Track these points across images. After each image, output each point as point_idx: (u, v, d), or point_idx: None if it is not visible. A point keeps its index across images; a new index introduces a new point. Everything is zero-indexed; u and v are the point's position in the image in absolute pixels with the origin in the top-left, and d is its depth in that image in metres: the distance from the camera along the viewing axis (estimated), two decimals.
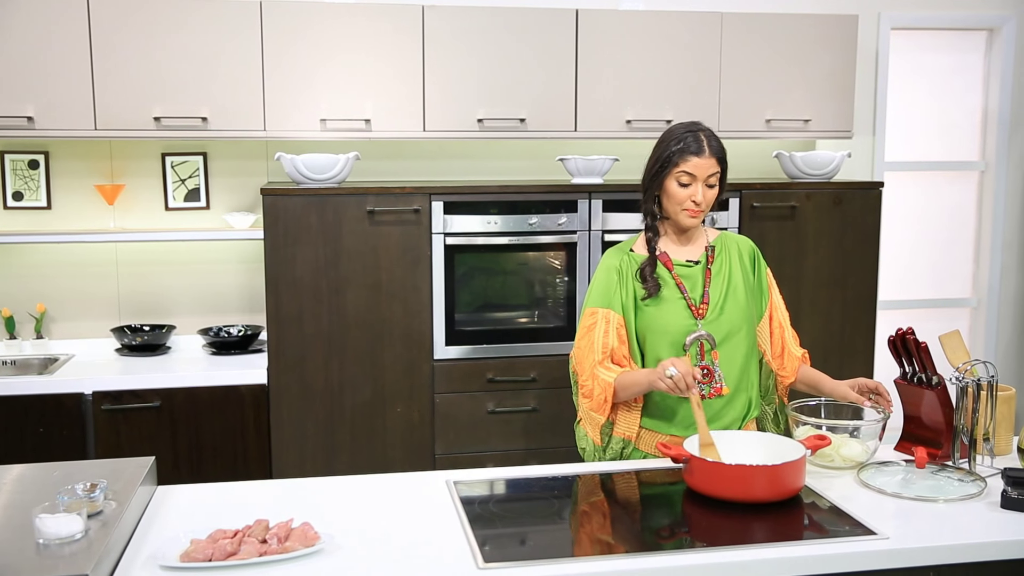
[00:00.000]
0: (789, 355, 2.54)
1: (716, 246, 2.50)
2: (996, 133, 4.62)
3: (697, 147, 2.35)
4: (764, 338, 2.54)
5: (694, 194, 2.37)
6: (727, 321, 2.43)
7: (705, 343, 2.40)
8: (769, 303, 2.54)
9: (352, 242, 3.53)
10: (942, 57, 4.62)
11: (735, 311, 2.44)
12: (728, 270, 2.48)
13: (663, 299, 2.43)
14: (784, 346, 2.54)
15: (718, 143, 2.40)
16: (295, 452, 3.56)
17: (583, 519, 2.12)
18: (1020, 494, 2.01)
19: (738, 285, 2.47)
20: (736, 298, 2.46)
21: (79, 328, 3.92)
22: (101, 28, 3.47)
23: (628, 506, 2.19)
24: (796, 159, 3.92)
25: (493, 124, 3.78)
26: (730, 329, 2.43)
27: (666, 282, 2.44)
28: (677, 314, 2.42)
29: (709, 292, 2.44)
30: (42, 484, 2.04)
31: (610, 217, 3.71)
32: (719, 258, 2.49)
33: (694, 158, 2.35)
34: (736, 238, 2.55)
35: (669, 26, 3.86)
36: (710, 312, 2.43)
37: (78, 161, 3.86)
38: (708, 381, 2.40)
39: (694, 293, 2.44)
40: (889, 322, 4.32)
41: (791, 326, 2.58)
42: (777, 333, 2.54)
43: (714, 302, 2.44)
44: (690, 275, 2.46)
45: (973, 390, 2.26)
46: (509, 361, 3.69)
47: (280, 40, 3.59)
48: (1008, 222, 4.69)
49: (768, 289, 2.55)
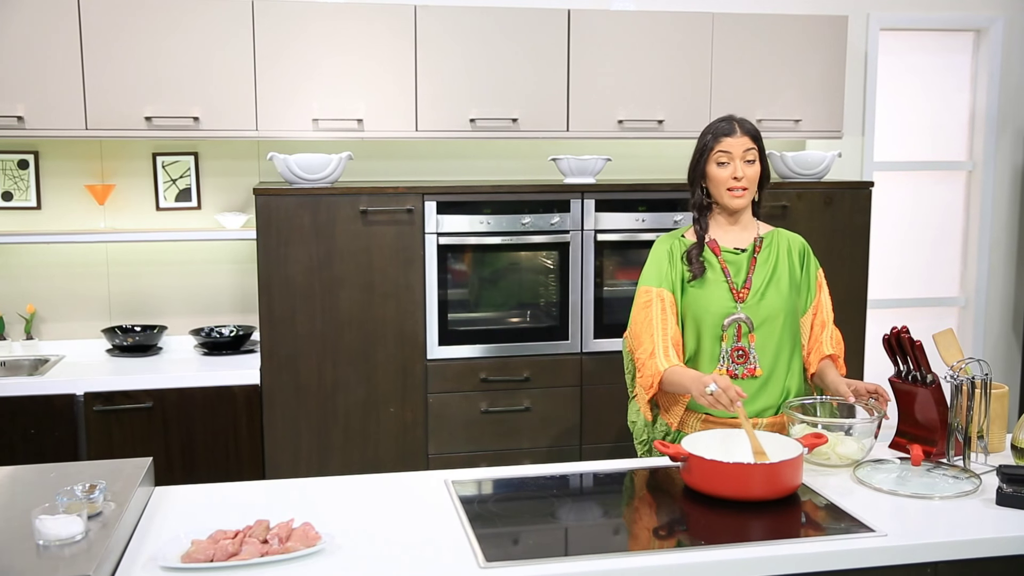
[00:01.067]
0: (818, 351, 2.61)
1: (766, 238, 2.60)
2: (984, 133, 4.65)
3: (729, 128, 2.52)
4: (805, 332, 2.62)
5: (734, 171, 2.50)
6: (767, 307, 2.51)
7: (743, 325, 2.49)
8: (816, 301, 2.62)
9: (345, 242, 3.52)
10: (930, 58, 4.65)
11: (776, 299, 2.52)
12: (775, 261, 2.57)
13: (707, 281, 2.53)
14: (818, 343, 2.61)
15: (751, 124, 2.55)
16: (288, 452, 3.55)
17: (582, 517, 2.13)
18: (1015, 491, 2.03)
19: (783, 276, 2.56)
20: (779, 287, 2.54)
21: (70, 329, 3.90)
22: (92, 27, 3.45)
23: (627, 504, 2.20)
24: (787, 159, 3.94)
25: (485, 124, 3.78)
26: (768, 315, 2.51)
27: (712, 266, 2.55)
28: (719, 296, 2.52)
29: (752, 278, 2.53)
30: (39, 485, 2.03)
31: (602, 217, 3.72)
32: (767, 249, 2.58)
33: (727, 138, 2.51)
34: (788, 235, 2.66)
35: (660, 26, 3.87)
36: (751, 297, 2.51)
37: (68, 161, 3.84)
38: (743, 362, 2.50)
39: (737, 278, 2.54)
40: (878, 321, 4.36)
41: (834, 326, 2.64)
42: (817, 330, 2.62)
43: (756, 288, 2.52)
44: (736, 261, 2.56)
45: (968, 388, 2.28)
46: (502, 361, 3.70)
47: (272, 40, 3.58)
48: (995, 222, 4.73)
49: (816, 287, 2.63)
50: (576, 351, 3.74)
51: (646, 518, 2.12)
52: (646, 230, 3.74)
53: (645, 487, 2.28)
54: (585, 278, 3.73)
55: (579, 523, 2.10)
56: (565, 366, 3.73)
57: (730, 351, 2.50)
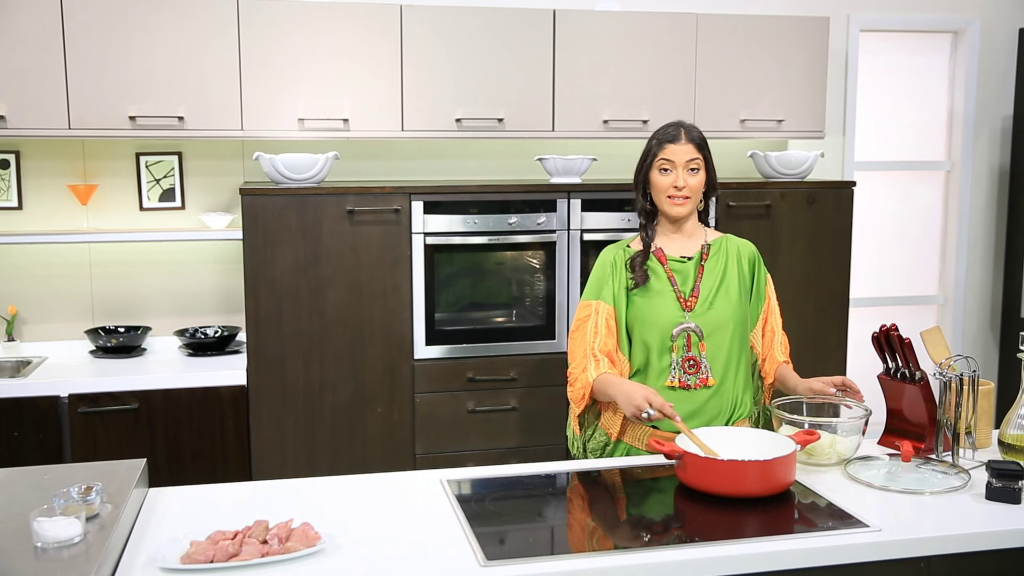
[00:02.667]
0: (772, 359, 2.60)
1: (714, 245, 2.56)
2: (961, 133, 4.71)
3: (675, 135, 2.48)
4: (758, 341, 2.60)
5: (675, 180, 2.46)
6: (715, 315, 2.48)
7: (693, 335, 2.45)
8: (765, 307, 2.60)
9: (332, 242, 3.52)
10: (909, 59, 4.70)
11: (726, 307, 2.49)
12: (723, 268, 2.53)
13: (653, 291, 2.49)
14: (771, 351, 2.60)
15: (697, 132, 2.51)
16: (275, 453, 3.54)
17: (578, 515, 2.14)
18: (1005, 485, 2.06)
19: (732, 283, 2.52)
20: (728, 295, 2.50)
21: (52, 330, 3.86)
22: (76, 25, 3.42)
23: (621, 502, 2.21)
24: (771, 159, 3.97)
25: (471, 124, 3.78)
26: (718, 323, 2.48)
27: (658, 275, 2.50)
28: (666, 306, 2.48)
29: (700, 286, 2.49)
30: (33, 488, 2.02)
31: (589, 216, 3.74)
32: (714, 256, 2.54)
33: (671, 145, 2.47)
34: (739, 242, 2.61)
35: (645, 27, 3.89)
36: (699, 305, 2.48)
37: (50, 161, 3.81)
38: (694, 372, 2.46)
39: (685, 287, 2.50)
40: (859, 319, 4.40)
41: (783, 332, 2.64)
42: (768, 337, 2.61)
43: (704, 296, 2.49)
44: (682, 270, 2.52)
45: (956, 385, 2.31)
46: (489, 360, 3.70)
47: (258, 39, 3.57)
48: (973, 221, 4.79)
49: (766, 294, 2.60)
50: (563, 351, 3.75)
51: (642, 515, 2.13)
52: (632, 230, 3.74)
53: (640, 485, 2.29)
54: (572, 278, 3.74)
55: (575, 521, 2.11)
56: (552, 365, 3.74)
57: (681, 361, 2.46)
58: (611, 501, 2.22)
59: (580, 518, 2.13)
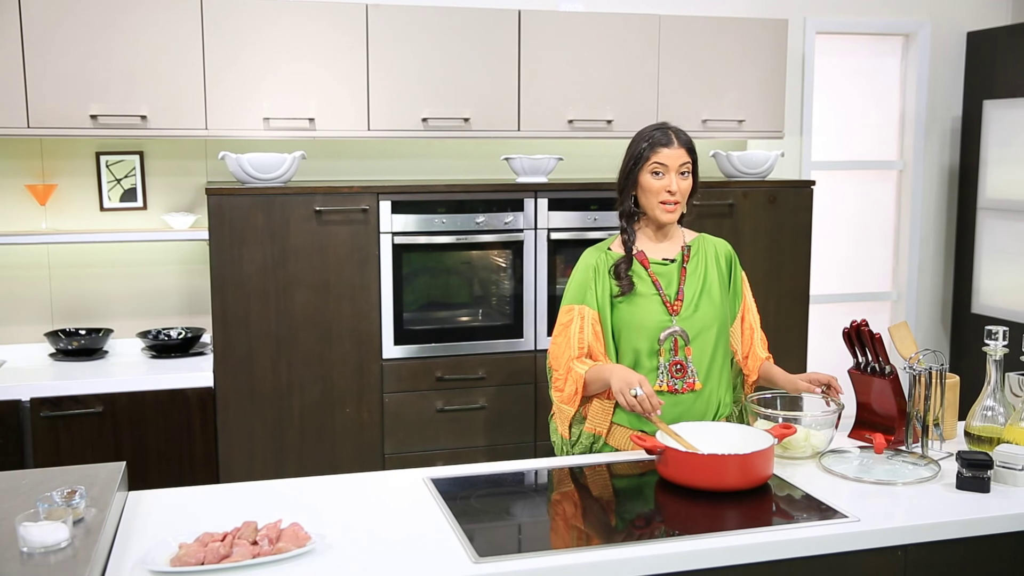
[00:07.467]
0: (754, 356, 2.64)
1: (693, 246, 2.58)
2: (912, 134, 4.83)
3: (666, 139, 2.47)
4: (736, 339, 2.64)
5: (668, 184, 2.46)
6: (700, 318, 2.50)
7: (679, 339, 2.47)
8: (742, 305, 2.64)
9: (299, 242, 3.50)
10: (863, 61, 4.81)
11: (709, 309, 2.52)
12: (704, 269, 2.56)
13: (638, 296, 2.50)
14: (752, 348, 2.64)
15: (686, 136, 2.51)
16: (243, 455, 3.50)
17: (563, 512, 2.16)
18: (975, 475, 2.13)
19: (713, 284, 2.55)
20: (711, 297, 2.53)
21: (10, 333, 3.78)
22: (34, 21, 3.36)
23: (603, 498, 2.24)
24: (733, 158, 4.04)
25: (437, 124, 3.79)
26: (703, 326, 2.50)
27: (641, 279, 2.51)
28: (652, 310, 2.49)
29: (684, 289, 2.51)
30: (13, 493, 1.98)
31: (555, 215, 3.76)
32: (695, 257, 2.57)
33: (664, 149, 2.46)
34: (714, 241, 2.64)
35: (609, 28, 3.93)
36: (684, 309, 2.50)
37: (7, 160, 3.73)
38: (681, 376, 2.48)
39: (669, 290, 2.51)
40: (817, 315, 4.49)
41: (760, 328, 2.68)
42: (747, 335, 2.64)
43: (688, 299, 2.51)
44: (665, 273, 2.53)
45: (925, 378, 2.37)
46: (457, 359, 3.71)
47: (222, 37, 3.53)
48: (924, 219, 4.91)
49: (742, 292, 2.64)
50: (530, 349, 3.78)
51: (625, 510, 2.16)
52: (599, 228, 3.79)
53: (622, 480, 2.32)
54: (539, 276, 3.76)
55: (559, 517, 2.13)
56: (520, 364, 3.76)
57: (668, 366, 2.47)
58: (593, 497, 2.24)
59: (565, 514, 2.14)
